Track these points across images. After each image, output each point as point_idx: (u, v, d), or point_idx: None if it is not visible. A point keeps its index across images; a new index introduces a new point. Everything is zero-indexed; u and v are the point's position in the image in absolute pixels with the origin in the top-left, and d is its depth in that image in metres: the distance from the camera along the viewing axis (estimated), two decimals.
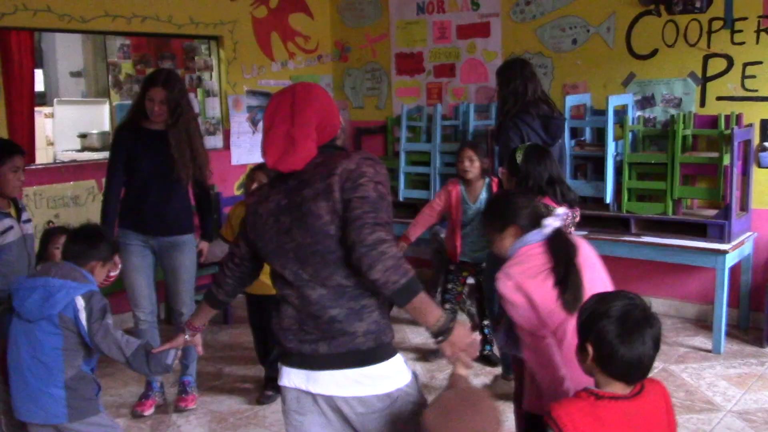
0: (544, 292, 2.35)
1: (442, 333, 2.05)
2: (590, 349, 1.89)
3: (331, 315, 2.08)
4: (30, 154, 5.61)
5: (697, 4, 5.11)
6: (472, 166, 4.36)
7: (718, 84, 5.12)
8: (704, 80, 5.17)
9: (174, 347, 2.59)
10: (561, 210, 2.70)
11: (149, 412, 4.07)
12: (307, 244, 2.08)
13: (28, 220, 3.35)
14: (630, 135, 5.18)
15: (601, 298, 1.98)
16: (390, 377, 2.13)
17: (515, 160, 3.38)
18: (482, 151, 4.46)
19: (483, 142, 4.71)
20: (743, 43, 5.00)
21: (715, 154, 4.92)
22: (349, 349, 2.09)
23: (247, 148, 6.30)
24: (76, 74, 8.34)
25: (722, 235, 4.69)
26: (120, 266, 3.61)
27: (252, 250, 2.29)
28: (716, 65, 5.12)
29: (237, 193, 6.16)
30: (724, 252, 4.63)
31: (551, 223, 2.51)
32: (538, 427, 2.05)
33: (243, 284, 2.42)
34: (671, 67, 5.28)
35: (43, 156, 7.13)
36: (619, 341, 1.85)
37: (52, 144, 7.57)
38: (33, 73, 6.13)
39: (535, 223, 2.54)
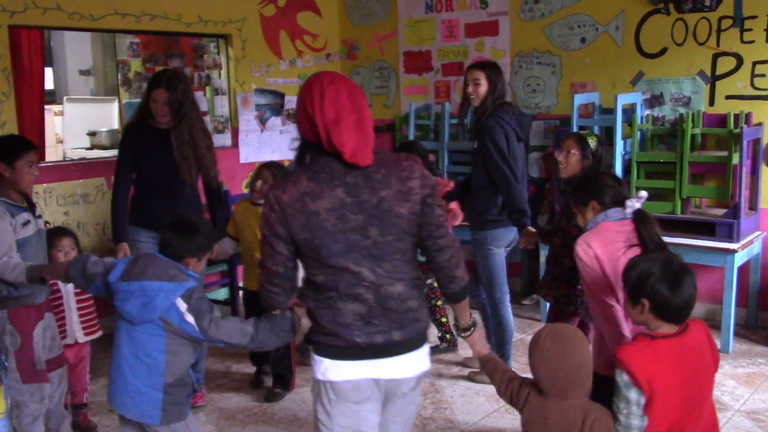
0: (616, 264, 2.65)
1: (471, 328, 2.48)
2: (646, 302, 2.30)
3: (409, 306, 2.23)
4: (40, 152, 5.63)
5: (707, 3, 5.09)
6: None
7: (728, 83, 5.11)
8: (713, 79, 5.16)
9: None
10: (644, 193, 2.91)
11: None
12: (387, 242, 2.16)
13: (39, 216, 3.38)
14: (638, 134, 5.17)
15: (642, 260, 2.38)
16: (427, 354, 2.35)
17: (587, 145, 3.64)
18: (416, 152, 4.60)
19: (417, 143, 4.85)
20: (753, 41, 4.98)
21: (724, 153, 4.91)
22: (418, 332, 2.28)
23: (255, 146, 6.32)
24: (85, 72, 8.37)
25: (731, 235, 4.68)
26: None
27: (295, 249, 2.19)
28: (725, 64, 5.10)
29: (245, 191, 6.18)
30: (733, 251, 4.63)
31: (633, 204, 2.79)
32: (602, 386, 2.44)
33: (293, 290, 2.32)
34: (680, 65, 5.27)
35: (52, 154, 7.17)
36: (670, 292, 2.28)
37: (61, 142, 7.61)
38: (43, 71, 6.16)
39: (616, 202, 2.84)
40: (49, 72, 7.78)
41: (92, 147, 7.40)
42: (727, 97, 5.12)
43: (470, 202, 4.28)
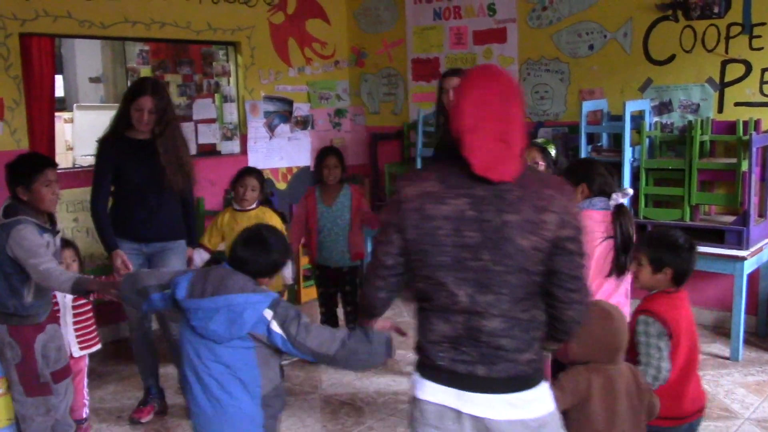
0: (591, 252, 2.73)
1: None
2: (669, 271, 2.68)
3: (501, 344, 1.96)
4: None
5: (715, 10, 5.09)
6: (330, 173, 4.65)
7: (736, 89, 5.10)
8: (722, 86, 5.15)
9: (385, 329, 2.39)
10: (630, 190, 3.03)
11: (147, 419, 4.03)
12: (497, 272, 1.91)
13: (57, 232, 3.33)
14: (647, 141, 5.16)
15: (665, 234, 2.77)
16: (542, 400, 2.03)
17: (549, 154, 3.61)
18: (344, 160, 4.78)
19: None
20: (761, 48, 4.97)
21: (733, 160, 4.89)
22: (510, 375, 1.98)
23: (264, 153, 6.34)
24: (95, 80, 8.44)
25: (740, 242, 4.66)
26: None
27: (406, 248, 1.99)
28: (734, 71, 5.09)
29: None
30: (743, 258, 4.60)
31: (618, 198, 2.92)
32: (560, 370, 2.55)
33: (397, 291, 2.11)
34: (689, 72, 5.26)
35: (62, 161, 7.19)
36: (689, 261, 2.70)
37: (71, 149, 7.65)
38: (53, 78, 6.18)
39: (602, 191, 2.95)
40: (59, 79, 7.83)
41: None
42: (736, 104, 5.11)
43: None
